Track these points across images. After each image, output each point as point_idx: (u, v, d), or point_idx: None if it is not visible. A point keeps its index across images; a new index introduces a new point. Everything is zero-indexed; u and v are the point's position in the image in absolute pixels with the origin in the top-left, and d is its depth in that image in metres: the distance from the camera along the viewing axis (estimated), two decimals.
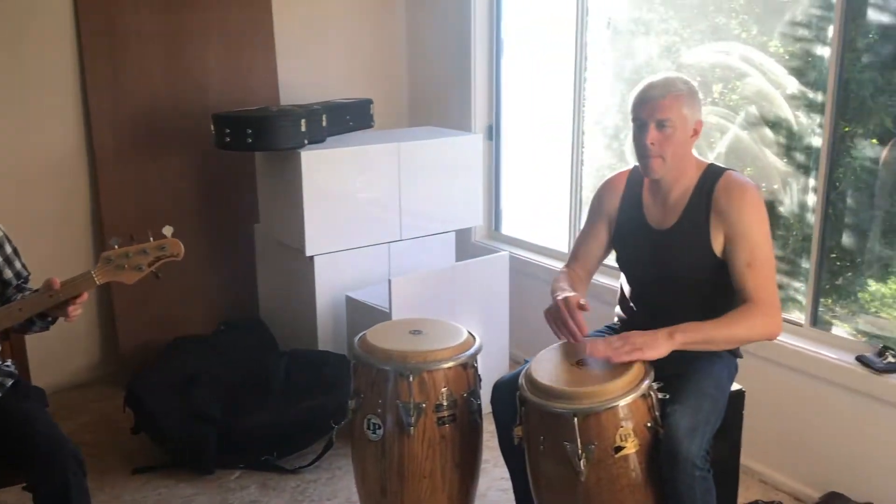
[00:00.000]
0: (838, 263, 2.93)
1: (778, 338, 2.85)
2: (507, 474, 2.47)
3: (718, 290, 2.27)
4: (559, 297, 2.25)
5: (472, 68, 4.12)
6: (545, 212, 4.18)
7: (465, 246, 4.14)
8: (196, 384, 3.30)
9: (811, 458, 2.85)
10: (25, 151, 3.57)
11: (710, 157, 3.26)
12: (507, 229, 4.31)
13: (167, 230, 2.12)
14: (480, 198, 3.95)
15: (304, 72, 4.19)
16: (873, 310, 2.90)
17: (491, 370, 2.81)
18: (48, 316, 2.15)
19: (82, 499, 2.18)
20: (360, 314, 3.34)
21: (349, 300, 3.44)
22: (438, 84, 4.33)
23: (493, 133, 4.22)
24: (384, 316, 3.13)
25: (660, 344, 2.10)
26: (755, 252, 2.19)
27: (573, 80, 3.76)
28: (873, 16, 2.73)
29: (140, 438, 3.22)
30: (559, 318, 2.23)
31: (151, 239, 2.11)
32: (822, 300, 2.94)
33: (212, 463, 3.12)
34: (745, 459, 2.68)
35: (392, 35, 4.47)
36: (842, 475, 2.76)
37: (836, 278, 2.94)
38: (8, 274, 2.31)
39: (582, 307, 2.21)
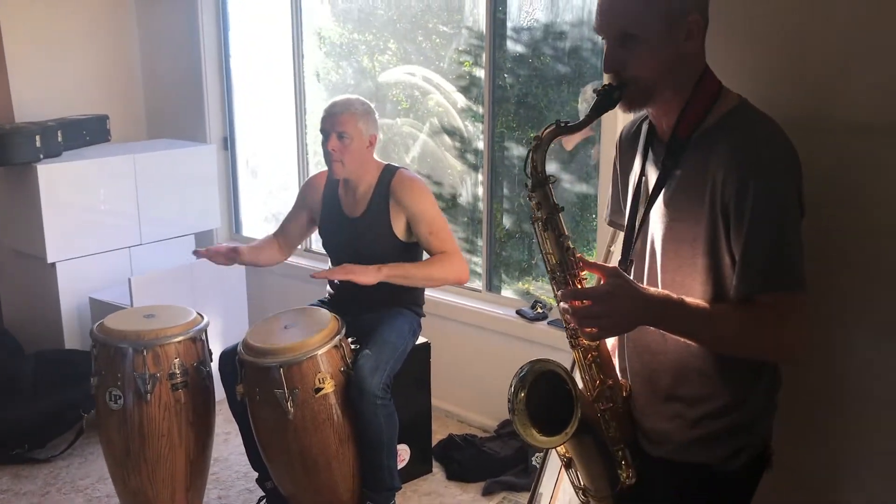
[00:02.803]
0: (502, 240, 3.70)
1: (460, 302, 3.61)
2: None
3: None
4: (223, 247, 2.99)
5: (203, 84, 4.50)
6: (279, 213, 4.68)
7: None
8: None
9: (489, 394, 3.58)
10: None
11: (406, 160, 3.94)
12: (248, 230, 4.75)
13: None
14: (217, 203, 4.37)
15: (38, 89, 4.34)
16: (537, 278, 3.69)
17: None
18: None
19: None
20: (104, 312, 3.62)
21: (93, 301, 3.72)
22: (173, 99, 4.67)
23: (227, 143, 4.64)
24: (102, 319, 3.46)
25: (370, 273, 2.68)
26: (433, 223, 2.84)
27: (294, 95, 4.29)
28: (511, 46, 3.52)
29: None
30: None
31: None
32: (494, 270, 3.70)
33: None
34: (437, 402, 3.35)
35: (126, 52, 4.72)
36: None
37: (502, 252, 3.71)
38: None
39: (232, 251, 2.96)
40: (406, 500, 3.06)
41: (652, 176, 1.54)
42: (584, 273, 1.52)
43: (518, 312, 3.49)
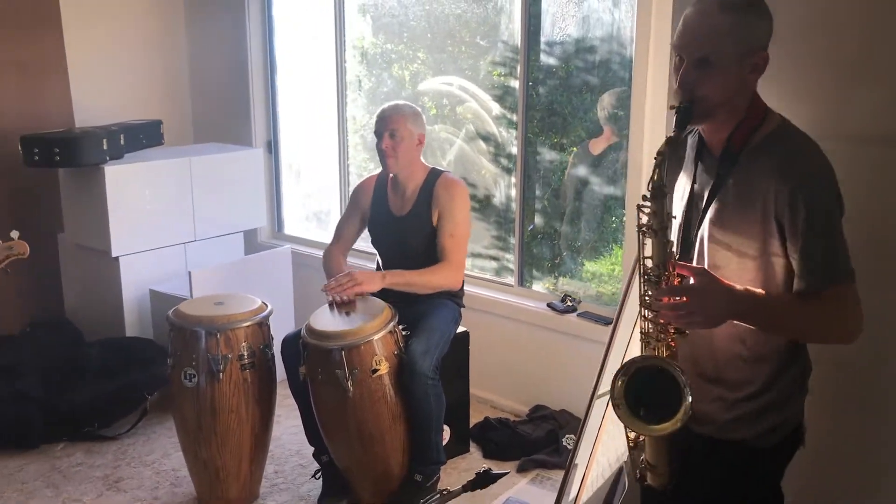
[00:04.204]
0: (536, 238, 3.98)
1: (494, 296, 3.88)
2: (296, 423, 3.23)
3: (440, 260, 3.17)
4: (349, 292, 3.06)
5: (250, 91, 4.81)
6: (320, 212, 4.98)
7: (253, 245, 4.83)
8: (16, 372, 3.73)
9: (521, 382, 3.85)
10: None
11: (444, 164, 4.22)
12: (288, 229, 5.04)
13: (14, 234, 2.61)
14: (263, 203, 4.66)
15: (96, 96, 4.65)
16: (593, 284, 3.92)
17: (278, 337, 3.55)
18: None
19: None
20: (164, 303, 3.93)
21: (153, 293, 4.02)
22: (220, 105, 4.97)
23: (272, 147, 4.94)
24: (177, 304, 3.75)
25: (375, 281, 2.99)
26: (457, 229, 3.12)
27: (336, 102, 4.58)
28: (543, 58, 3.80)
29: None
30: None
31: (1, 241, 2.60)
32: (525, 266, 3.97)
33: (37, 438, 3.58)
34: (473, 389, 3.63)
35: (175, 62, 5.03)
36: (542, 391, 3.78)
37: (533, 249, 3.99)
38: None
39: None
40: (447, 475, 3.32)
41: (703, 185, 1.74)
42: (673, 273, 1.68)
43: (549, 305, 3.76)
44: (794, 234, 1.60)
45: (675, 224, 1.82)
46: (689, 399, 1.59)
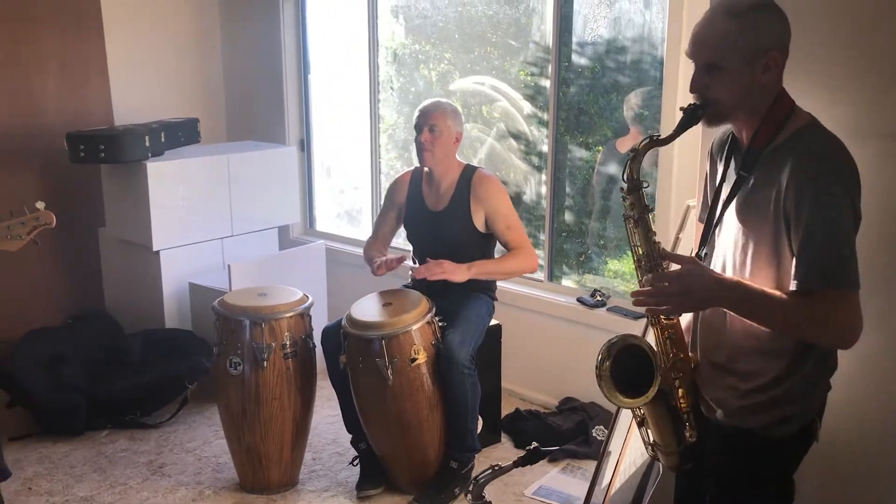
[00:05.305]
0: (563, 235, 4.07)
1: (525, 290, 3.96)
2: (332, 412, 3.33)
3: (476, 254, 3.26)
4: (393, 257, 3.20)
5: (284, 90, 4.93)
6: (352, 209, 5.09)
7: (286, 241, 4.94)
8: (61, 362, 3.84)
9: (550, 375, 3.94)
10: None
11: (475, 162, 4.31)
12: (320, 226, 5.16)
13: (40, 204, 2.65)
14: (297, 200, 4.77)
15: (134, 95, 4.78)
16: (616, 282, 4.01)
17: (315, 329, 3.66)
18: None
19: None
20: (203, 296, 4.05)
21: (192, 286, 4.14)
22: (255, 104, 5.09)
23: (304, 145, 5.05)
24: (223, 295, 3.87)
25: (462, 271, 3.09)
26: (509, 219, 3.23)
27: (368, 101, 4.69)
28: (574, 58, 3.89)
29: (14, 412, 3.72)
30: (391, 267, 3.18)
31: (27, 212, 2.67)
32: (554, 261, 4.06)
33: (82, 426, 3.70)
34: (505, 384, 3.72)
35: (210, 62, 5.16)
36: (572, 384, 3.86)
37: (563, 245, 4.07)
38: None
39: (401, 259, 3.20)
40: (480, 464, 3.39)
41: (729, 181, 1.82)
42: (666, 263, 1.82)
43: (579, 300, 3.85)
44: (797, 231, 1.63)
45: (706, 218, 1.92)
46: (658, 379, 1.81)
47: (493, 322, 3.47)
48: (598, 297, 3.80)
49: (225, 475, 3.38)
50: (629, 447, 2.79)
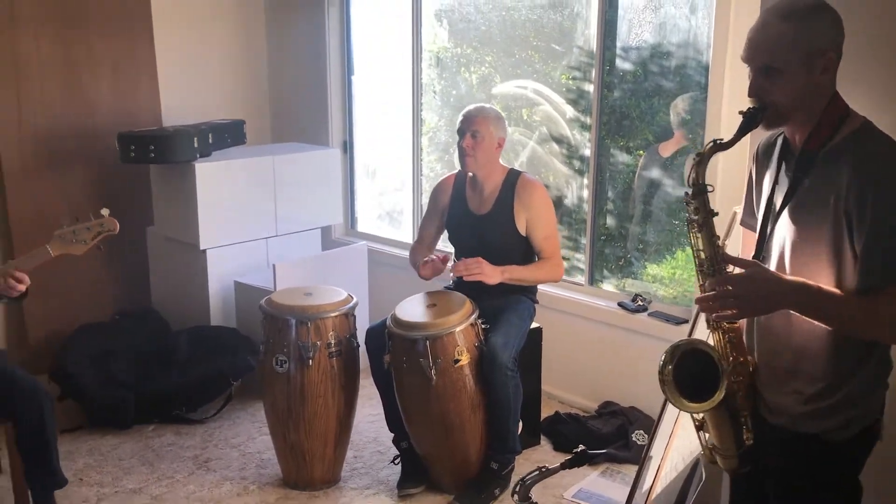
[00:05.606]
0: (602, 239, 4.07)
1: (565, 294, 3.97)
2: (373, 412, 3.37)
3: (519, 257, 3.29)
4: (438, 256, 3.26)
5: (328, 94, 4.99)
6: (393, 210, 5.14)
7: (328, 241, 5.01)
8: (111, 357, 3.95)
9: (590, 378, 3.95)
10: None
11: (516, 165, 4.33)
12: (362, 226, 5.22)
13: (105, 211, 2.76)
14: (339, 201, 4.84)
15: (181, 97, 4.87)
16: (654, 285, 4.01)
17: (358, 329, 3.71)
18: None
19: (53, 424, 2.88)
20: (248, 294, 4.13)
21: (237, 284, 4.22)
22: (299, 106, 5.17)
23: (347, 147, 5.12)
24: (269, 294, 3.94)
25: (496, 274, 3.14)
26: (549, 229, 3.27)
27: (411, 104, 4.73)
28: (619, 63, 3.90)
29: (64, 405, 3.82)
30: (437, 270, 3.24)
31: (93, 218, 2.77)
32: (595, 266, 4.07)
33: (130, 420, 3.80)
34: (545, 387, 3.74)
35: (255, 66, 5.25)
36: (612, 388, 3.87)
37: (604, 249, 4.08)
38: None
39: (445, 259, 3.26)
40: (519, 466, 3.43)
41: (783, 185, 1.83)
42: (728, 267, 1.82)
43: (620, 304, 3.85)
44: (860, 231, 1.64)
45: (758, 222, 1.91)
46: (724, 383, 1.78)
47: (534, 325, 3.49)
48: (640, 302, 3.80)
49: (269, 471, 3.44)
50: (671, 452, 2.80)
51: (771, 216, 1.86)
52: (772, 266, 1.85)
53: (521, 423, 3.50)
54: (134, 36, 4.64)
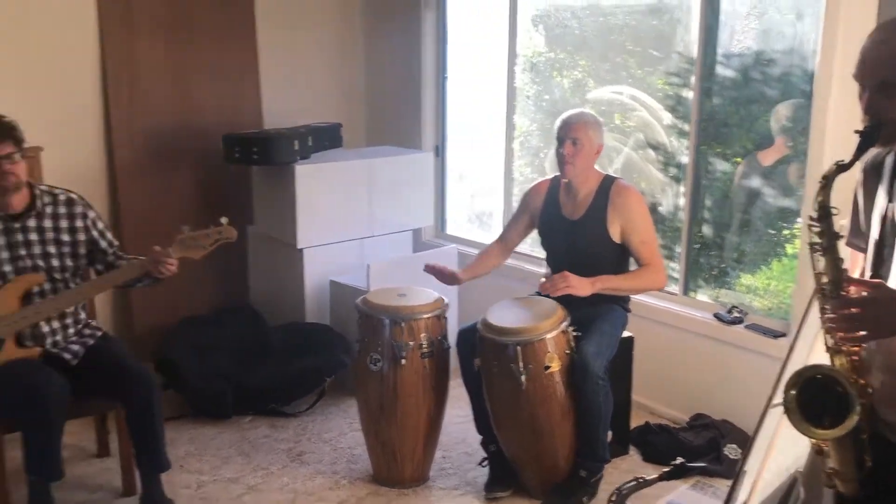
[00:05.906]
0: (696, 248, 4.00)
1: (659, 304, 3.93)
2: (461, 413, 3.41)
3: (611, 264, 3.28)
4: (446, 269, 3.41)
5: (422, 98, 5.07)
6: (482, 213, 5.19)
7: (418, 243, 5.09)
8: (212, 350, 4.12)
9: (682, 389, 3.88)
10: (53, 165, 4.27)
11: (610, 171, 4.31)
12: (451, 229, 5.28)
13: (224, 220, 2.94)
14: (431, 204, 4.91)
15: (281, 100, 5.03)
16: (748, 296, 3.92)
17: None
18: (145, 278, 3.00)
19: (160, 409, 3.03)
20: (342, 293, 4.24)
21: (333, 283, 4.33)
22: (393, 110, 5.26)
23: (439, 151, 5.18)
24: (364, 294, 4.03)
25: (586, 286, 3.11)
26: (645, 234, 3.24)
27: (504, 108, 4.76)
28: (720, 70, 3.83)
29: (167, 395, 3.99)
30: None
31: (212, 225, 2.93)
32: (690, 275, 4.01)
33: (229, 411, 3.95)
34: (635, 396, 3.70)
35: (354, 68, 5.37)
36: (704, 400, 3.79)
37: (699, 258, 4.01)
38: (103, 244, 3.11)
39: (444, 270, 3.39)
40: (608, 475, 3.41)
41: None
42: (851, 289, 1.75)
43: (715, 315, 3.78)
44: None
45: (871, 240, 1.85)
46: (858, 408, 1.70)
47: (626, 334, 3.46)
48: (736, 314, 3.72)
49: (359, 466, 3.53)
50: (767, 467, 2.74)
51: (889, 235, 1.80)
52: (893, 282, 1.80)
53: (610, 433, 3.49)
54: (238, 40, 4.82)
